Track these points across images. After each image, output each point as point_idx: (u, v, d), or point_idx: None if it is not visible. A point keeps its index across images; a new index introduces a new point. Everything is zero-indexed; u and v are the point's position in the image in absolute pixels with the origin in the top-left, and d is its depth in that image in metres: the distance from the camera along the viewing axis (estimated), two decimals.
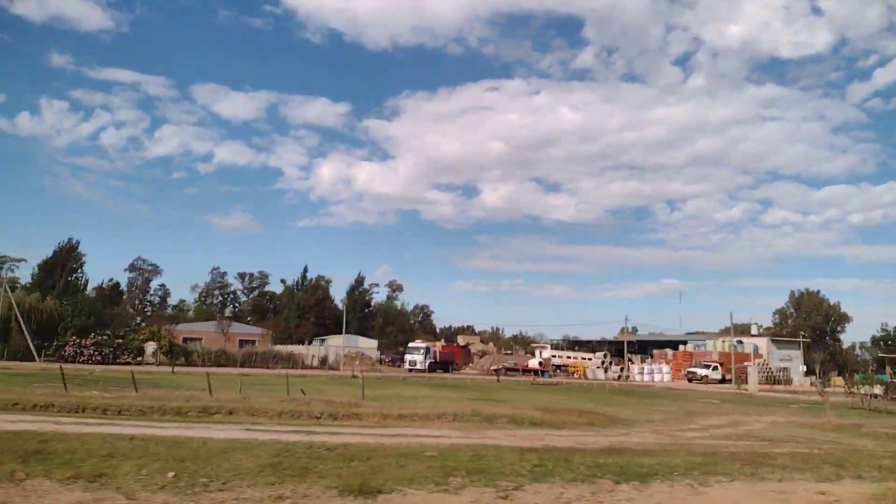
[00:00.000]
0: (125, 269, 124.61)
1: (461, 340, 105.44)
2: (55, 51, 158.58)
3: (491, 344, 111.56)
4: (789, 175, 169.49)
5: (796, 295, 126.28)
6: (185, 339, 54.48)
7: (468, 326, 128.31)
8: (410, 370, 59.76)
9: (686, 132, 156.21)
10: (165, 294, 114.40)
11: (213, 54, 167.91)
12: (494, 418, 17.39)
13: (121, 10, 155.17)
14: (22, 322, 46.80)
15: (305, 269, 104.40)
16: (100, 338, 49.10)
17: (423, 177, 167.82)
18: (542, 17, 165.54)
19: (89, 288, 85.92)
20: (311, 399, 20.19)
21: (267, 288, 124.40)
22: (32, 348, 46.38)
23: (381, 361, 72.28)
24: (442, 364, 62.97)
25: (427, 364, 60.81)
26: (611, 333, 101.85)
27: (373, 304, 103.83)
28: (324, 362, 56.80)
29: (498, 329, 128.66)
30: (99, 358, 47.19)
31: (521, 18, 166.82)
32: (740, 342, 69.89)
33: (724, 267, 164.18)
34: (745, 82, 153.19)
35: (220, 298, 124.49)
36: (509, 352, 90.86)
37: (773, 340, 71.66)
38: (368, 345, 79.08)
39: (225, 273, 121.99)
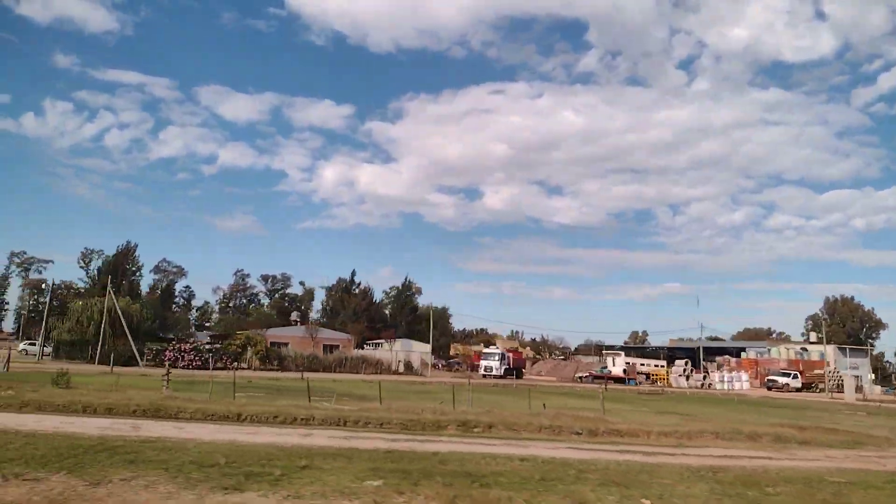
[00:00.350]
0: (150, 271, 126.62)
1: (501, 345, 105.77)
2: (60, 52, 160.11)
3: (528, 349, 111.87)
4: (792, 179, 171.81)
5: (831, 301, 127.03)
6: (271, 344, 54.76)
7: (482, 330, 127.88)
8: (485, 375, 60.14)
9: (689, 135, 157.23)
10: (190, 296, 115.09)
11: (217, 56, 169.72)
12: (756, 436, 17.80)
13: (125, 11, 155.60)
14: (126, 327, 47.06)
15: (353, 273, 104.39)
16: (199, 343, 49.45)
17: (425, 179, 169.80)
18: (545, 21, 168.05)
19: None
20: (555, 413, 20.59)
21: (289, 290, 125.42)
22: (136, 353, 46.68)
23: (435, 366, 72.55)
24: (514, 370, 63.34)
25: (503, 370, 61.22)
26: (620, 339, 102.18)
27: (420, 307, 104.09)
28: (409, 367, 57.08)
29: (517, 332, 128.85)
30: (199, 363, 47.51)
31: (525, 22, 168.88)
32: (804, 349, 70.56)
33: (724, 271, 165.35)
34: (749, 86, 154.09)
35: (244, 301, 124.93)
36: (563, 357, 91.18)
37: (839, 348, 72.19)
38: (422, 349, 79.37)
39: (248, 275, 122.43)
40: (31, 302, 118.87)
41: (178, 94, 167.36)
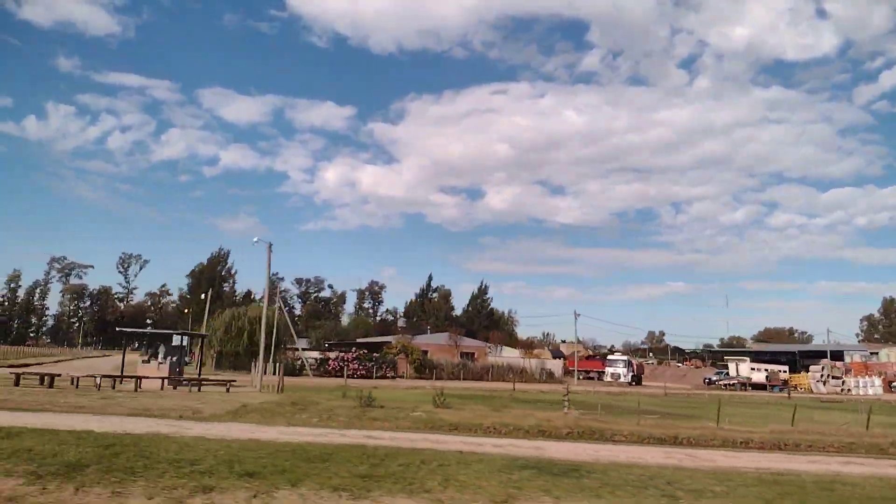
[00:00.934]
0: (186, 275, 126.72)
1: (565, 349, 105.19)
2: (62, 55, 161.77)
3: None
4: (795, 177, 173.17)
5: (888, 300, 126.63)
6: None
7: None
8: (611, 383, 60.19)
9: (691, 134, 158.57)
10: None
11: (218, 58, 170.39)
12: None
13: (127, 14, 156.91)
14: (294, 335, 47.14)
15: (430, 278, 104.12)
16: (360, 352, 49.46)
17: (427, 180, 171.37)
18: (547, 21, 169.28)
19: None
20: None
21: (322, 294, 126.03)
22: (307, 363, 46.69)
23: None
24: (637, 377, 63.38)
25: (630, 377, 61.31)
26: (618, 340, 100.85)
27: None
28: (550, 375, 57.14)
29: (547, 334, 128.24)
30: (363, 372, 47.50)
31: (526, 22, 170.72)
32: None
33: (726, 270, 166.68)
34: (751, 85, 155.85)
35: (278, 304, 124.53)
36: (683, 362, 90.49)
37: None
38: (512, 354, 79.16)
39: (282, 278, 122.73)
40: (70, 308, 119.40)
41: (179, 97, 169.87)
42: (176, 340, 27.38)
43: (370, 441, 12.60)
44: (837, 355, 75.21)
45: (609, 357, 68.15)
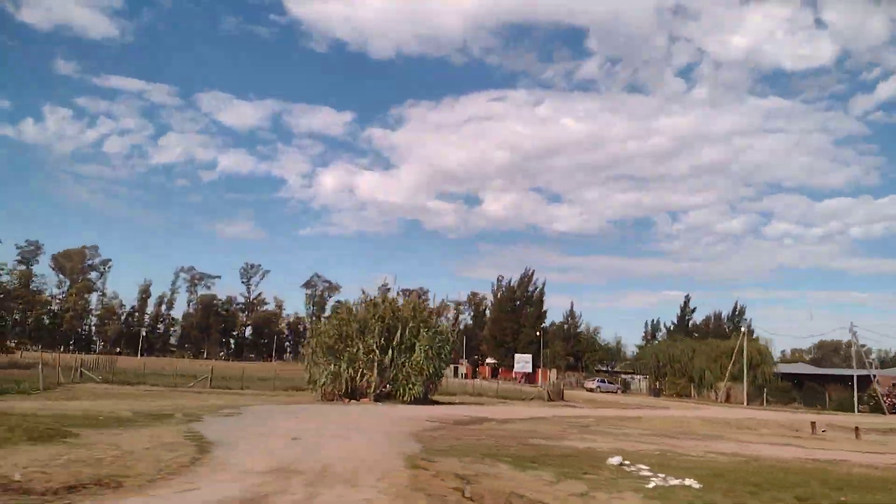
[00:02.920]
0: (301, 286, 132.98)
1: None
2: (60, 58, 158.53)
3: None
4: (791, 187, 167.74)
5: None
6: None
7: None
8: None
9: (689, 143, 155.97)
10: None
11: (217, 63, 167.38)
12: None
13: (126, 18, 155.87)
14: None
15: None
16: None
17: (425, 186, 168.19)
18: (545, 28, 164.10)
19: None
20: None
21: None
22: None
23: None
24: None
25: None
26: None
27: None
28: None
29: None
30: None
31: (525, 29, 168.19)
32: None
33: (723, 279, 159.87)
34: (748, 94, 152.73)
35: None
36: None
37: None
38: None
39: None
40: (197, 319, 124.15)
41: (178, 101, 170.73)
42: None
43: None
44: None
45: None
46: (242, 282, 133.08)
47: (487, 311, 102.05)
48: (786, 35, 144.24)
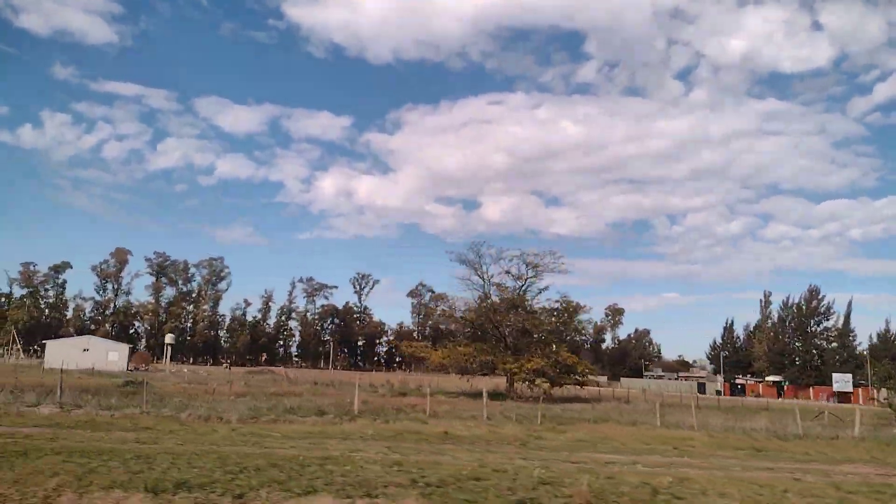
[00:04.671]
0: (407, 295, 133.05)
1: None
2: (59, 63, 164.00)
3: None
4: (790, 189, 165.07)
5: None
6: None
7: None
8: None
9: (687, 145, 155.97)
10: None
11: (216, 68, 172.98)
12: None
13: (125, 23, 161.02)
14: None
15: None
16: None
17: (424, 190, 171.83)
18: (544, 32, 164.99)
19: None
20: None
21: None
22: None
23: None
24: None
25: None
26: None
27: None
28: None
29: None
30: None
31: (524, 33, 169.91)
32: None
33: (722, 281, 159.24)
34: (747, 96, 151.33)
35: None
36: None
37: None
38: None
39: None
40: (319, 327, 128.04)
41: (176, 106, 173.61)
42: None
43: None
44: None
45: None
46: (355, 291, 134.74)
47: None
48: (783, 38, 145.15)
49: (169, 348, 73.69)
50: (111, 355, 53.72)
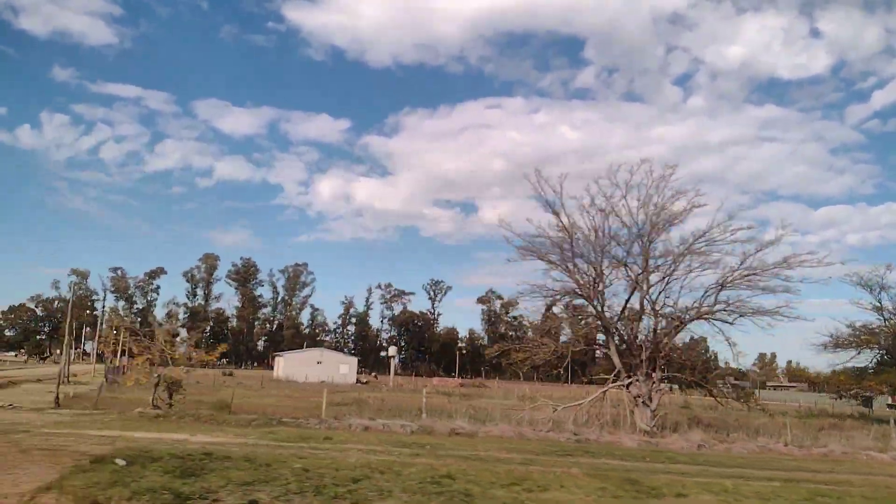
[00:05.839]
0: (476, 301, 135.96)
1: None
2: (58, 65, 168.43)
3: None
4: (787, 195, 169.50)
5: None
6: None
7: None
8: None
9: (686, 151, 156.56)
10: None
11: (215, 70, 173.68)
12: None
13: (125, 25, 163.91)
14: None
15: None
16: None
17: (422, 193, 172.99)
18: (543, 37, 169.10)
19: None
20: None
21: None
22: None
23: None
24: None
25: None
26: None
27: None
28: None
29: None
30: None
31: (523, 38, 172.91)
32: None
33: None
34: (745, 103, 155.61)
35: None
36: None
37: None
38: None
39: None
40: (395, 333, 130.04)
41: (175, 108, 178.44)
42: None
43: None
44: None
45: None
46: (429, 297, 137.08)
47: None
48: (782, 45, 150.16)
49: (392, 360, 70.69)
50: (342, 368, 55.99)
